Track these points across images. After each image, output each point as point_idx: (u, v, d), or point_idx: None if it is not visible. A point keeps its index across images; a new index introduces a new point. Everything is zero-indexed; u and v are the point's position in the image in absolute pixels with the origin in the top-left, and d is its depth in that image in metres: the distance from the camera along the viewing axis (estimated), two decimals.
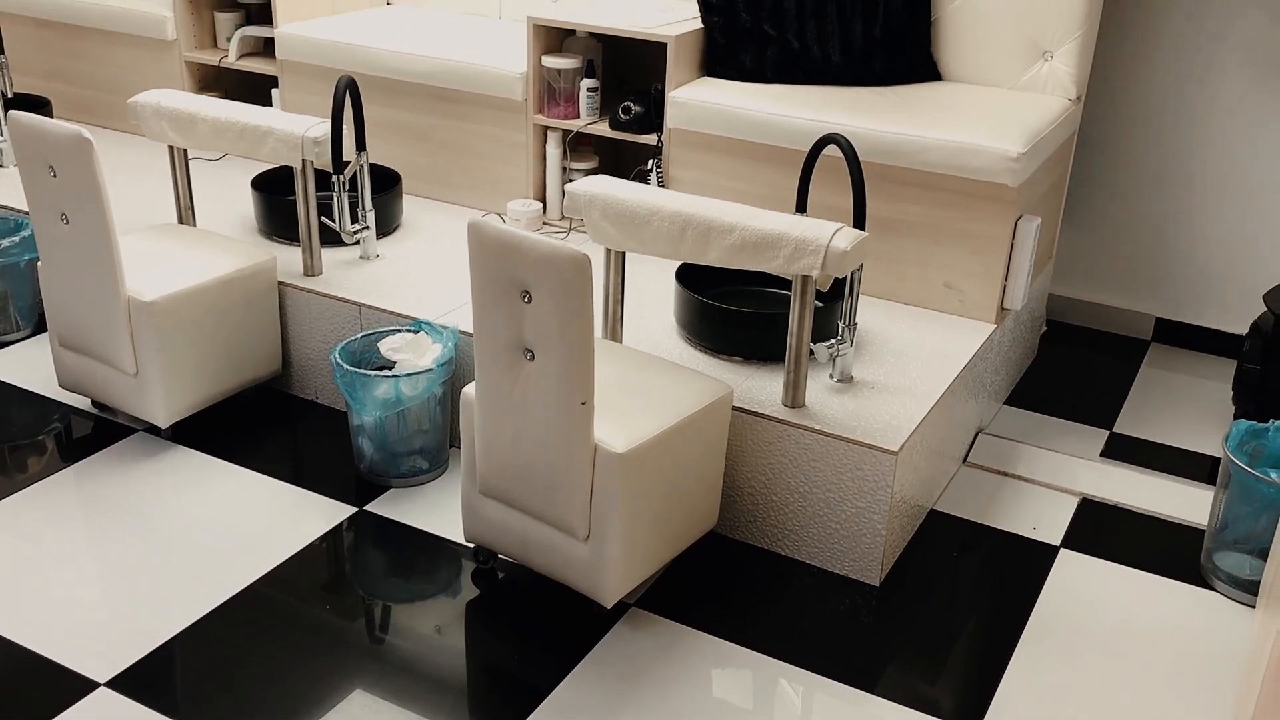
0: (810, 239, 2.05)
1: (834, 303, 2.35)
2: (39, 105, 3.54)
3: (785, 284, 2.58)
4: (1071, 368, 3.07)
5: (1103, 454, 2.65)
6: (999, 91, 2.84)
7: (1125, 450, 2.67)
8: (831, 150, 2.43)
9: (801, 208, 2.36)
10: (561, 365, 1.84)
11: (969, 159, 2.48)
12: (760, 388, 2.29)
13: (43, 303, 2.54)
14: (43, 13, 3.69)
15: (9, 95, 3.34)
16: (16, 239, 2.86)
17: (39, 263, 2.48)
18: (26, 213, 2.98)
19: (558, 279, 1.79)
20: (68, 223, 2.35)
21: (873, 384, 2.33)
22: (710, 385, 2.11)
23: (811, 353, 2.21)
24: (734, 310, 2.39)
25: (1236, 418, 2.66)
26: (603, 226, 2.26)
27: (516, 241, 1.83)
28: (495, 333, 1.92)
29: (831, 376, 2.33)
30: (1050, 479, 2.52)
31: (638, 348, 2.39)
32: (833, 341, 2.27)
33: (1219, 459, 2.24)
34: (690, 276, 2.52)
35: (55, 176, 2.31)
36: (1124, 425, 2.79)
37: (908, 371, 2.39)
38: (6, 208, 3.05)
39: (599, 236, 2.28)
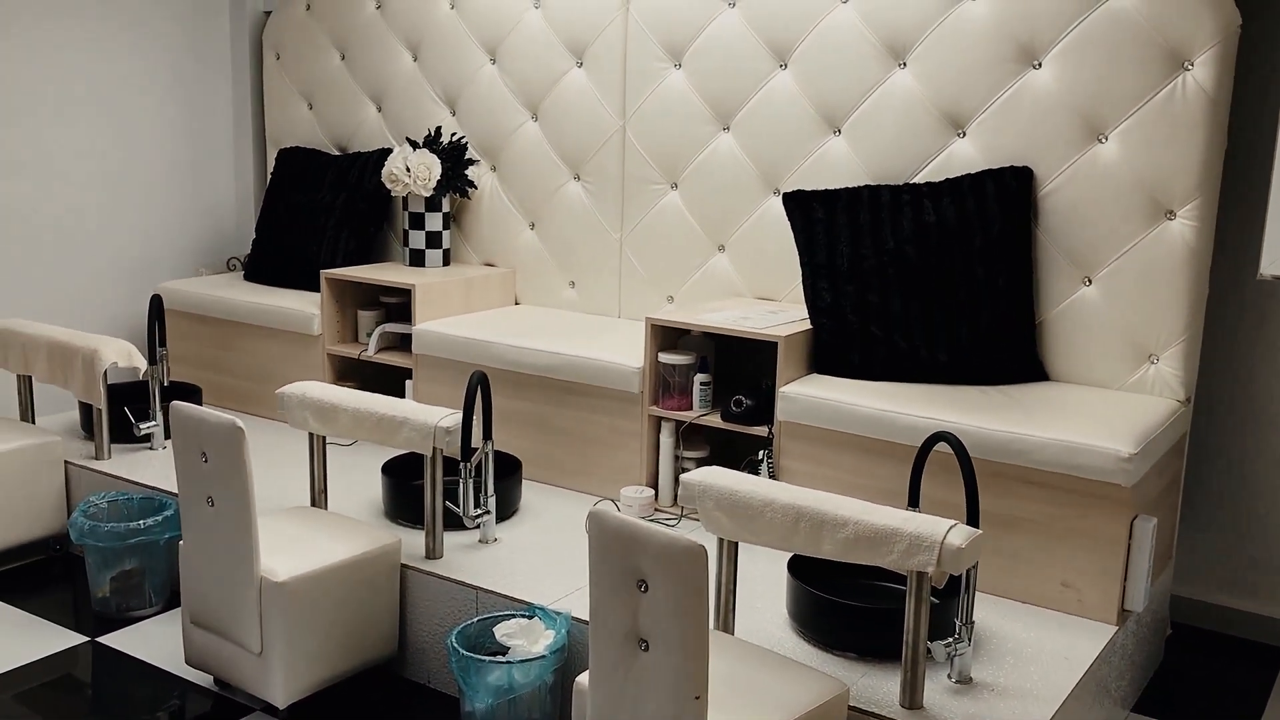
0: (925, 535, 2.07)
1: (949, 599, 2.34)
2: (191, 393, 3.82)
3: (900, 578, 2.57)
4: (1202, 674, 2.94)
5: None
6: (1107, 392, 2.89)
7: None
8: (942, 446, 2.49)
9: (914, 503, 2.40)
10: (676, 658, 1.86)
11: (1081, 458, 2.50)
12: (875, 686, 2.25)
13: (178, 580, 2.66)
14: (203, 309, 4.05)
15: (165, 384, 3.62)
16: (159, 518, 3.02)
17: (181, 542, 2.62)
18: (171, 493, 3.17)
19: (674, 569, 1.84)
20: (213, 505, 2.50)
21: (992, 686, 2.27)
22: (824, 683, 2.08)
23: (929, 651, 2.18)
24: (848, 605, 2.39)
25: None
26: (716, 516, 2.32)
27: (634, 531, 1.89)
28: (611, 622, 1.95)
29: (950, 677, 2.28)
30: None
31: (749, 640, 2.38)
32: (950, 640, 2.24)
33: None
34: (803, 568, 2.54)
35: (206, 462, 2.48)
36: None
37: (1028, 673, 2.33)
38: (153, 488, 3.25)
39: (712, 526, 2.33)
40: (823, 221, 3.07)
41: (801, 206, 3.11)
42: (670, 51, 3.50)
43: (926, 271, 2.95)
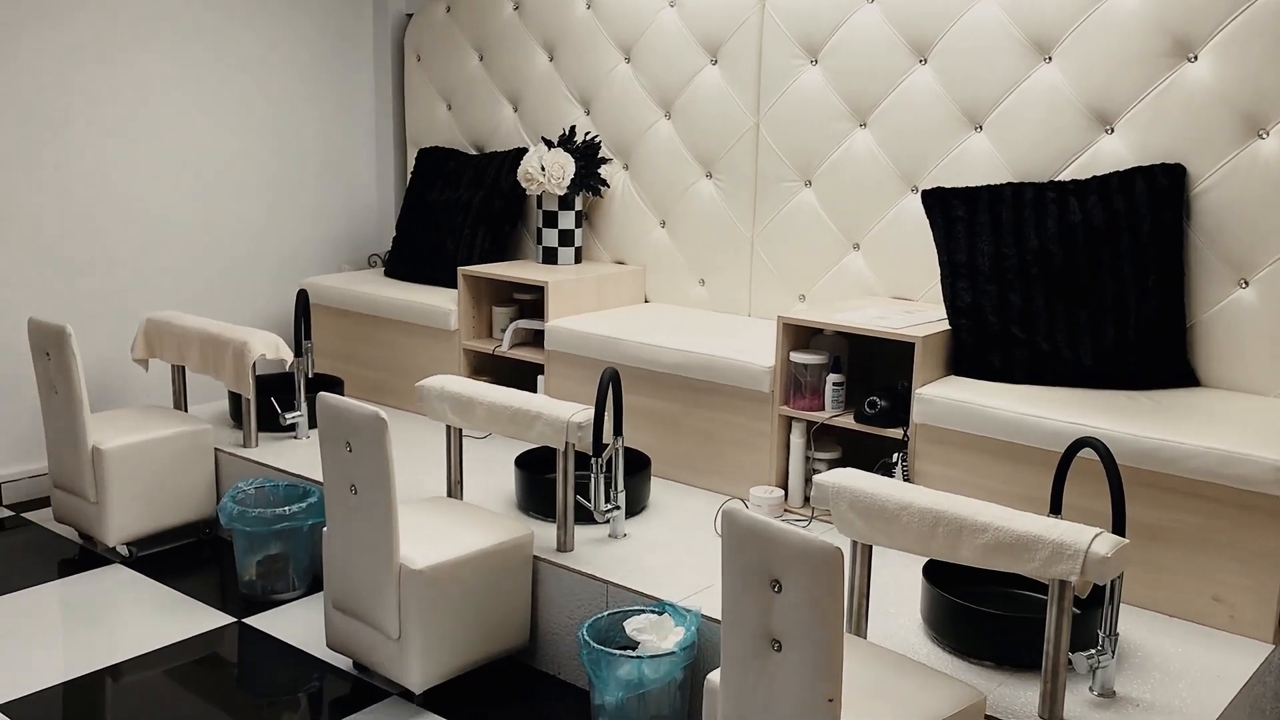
0: (1068, 543, 2.01)
1: (1092, 610, 2.26)
2: (333, 385, 3.95)
3: (1041, 586, 2.50)
4: None
5: None
6: (1262, 399, 2.76)
7: None
8: (1086, 453, 2.40)
9: (1056, 510, 2.33)
10: (809, 659, 1.84)
11: (1235, 468, 2.40)
12: (1013, 696, 2.19)
13: (319, 565, 2.75)
14: (345, 304, 4.18)
15: (309, 375, 3.75)
16: (303, 505, 3.13)
17: (325, 528, 2.71)
18: (314, 481, 3.28)
19: (809, 570, 1.82)
20: (356, 493, 2.58)
21: (1137, 701, 2.19)
22: (960, 691, 2.04)
23: (1070, 662, 2.11)
24: (986, 612, 2.33)
25: None
26: (850, 518, 2.29)
27: (769, 530, 1.88)
28: (743, 621, 1.94)
29: (1091, 689, 2.21)
30: None
31: (882, 645, 2.35)
32: (1092, 651, 2.17)
33: None
34: (939, 573, 2.49)
35: (351, 451, 2.56)
36: None
37: (1176, 690, 2.24)
38: (297, 476, 3.36)
39: (846, 528, 2.31)
40: (963, 220, 3.00)
41: (941, 204, 3.05)
42: (806, 48, 3.47)
43: (1071, 272, 2.86)
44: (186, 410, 3.80)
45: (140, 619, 3.04)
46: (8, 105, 3.67)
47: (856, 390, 3.14)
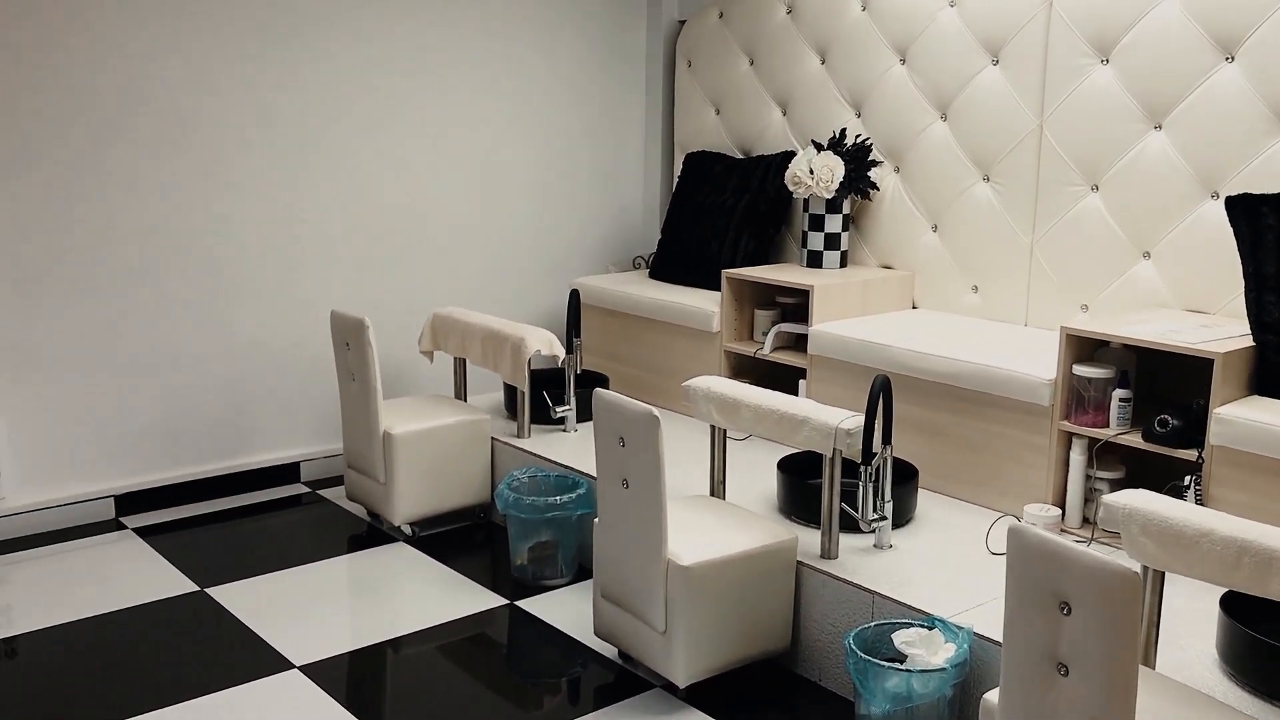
0: None
1: None
2: (599, 381, 4.07)
3: None
4: None
5: None
6: None
7: None
8: None
9: None
10: (1099, 686, 1.75)
11: None
12: None
13: (585, 554, 2.84)
14: (611, 304, 4.30)
15: (578, 371, 3.88)
16: (572, 495, 3.25)
17: (596, 520, 2.80)
18: (581, 472, 3.39)
19: (1103, 594, 1.73)
20: (627, 487, 2.65)
21: None
22: None
23: None
24: None
25: None
26: (1142, 543, 2.16)
27: (1059, 551, 1.81)
28: (1026, 642, 1.87)
29: None
30: None
31: (1173, 677, 2.20)
32: None
33: None
34: (1239, 606, 2.32)
35: (623, 446, 2.63)
36: None
37: None
38: (567, 467, 3.49)
39: (1137, 553, 2.18)
40: (1274, 229, 2.78)
41: (1248, 211, 2.83)
42: (1097, 46, 3.30)
43: None
44: (466, 400, 4.01)
45: (420, 596, 3.23)
46: (325, 116, 3.99)
47: (1144, 407, 2.96)
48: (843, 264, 3.96)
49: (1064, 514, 3.00)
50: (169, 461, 3.88)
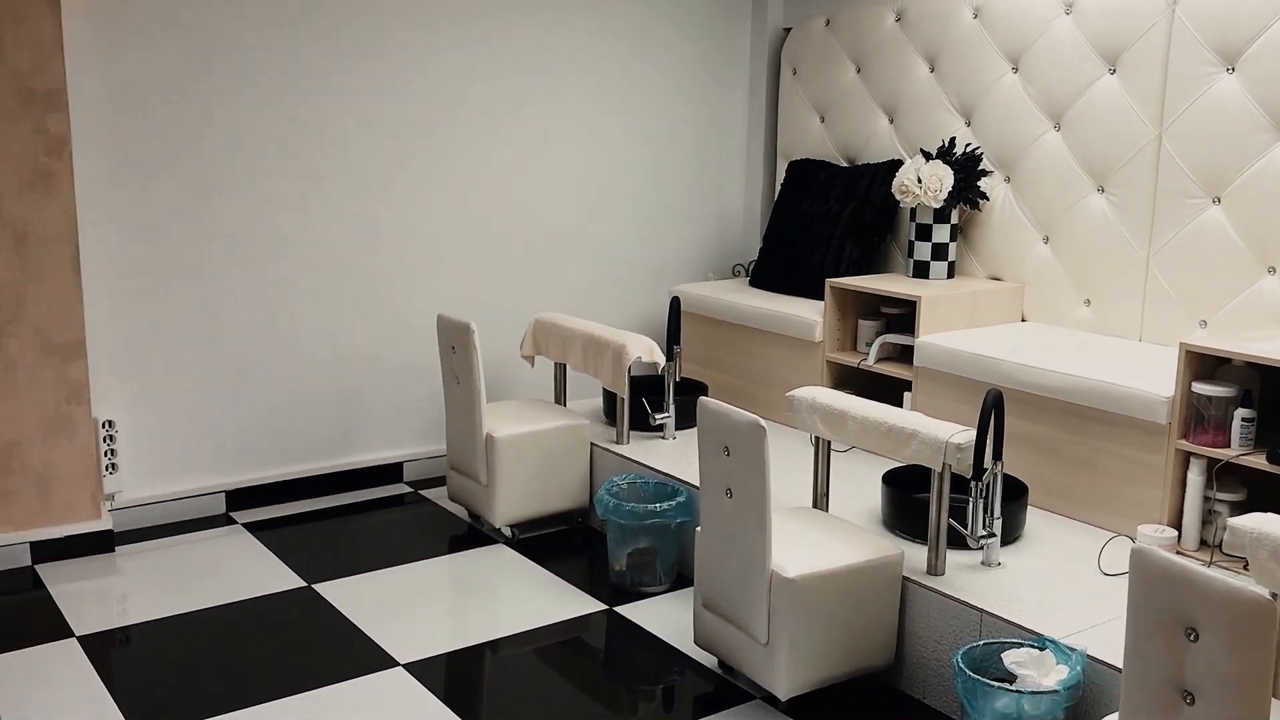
0: None
1: None
2: (699, 390, 4.06)
3: None
4: None
5: None
6: None
7: None
8: None
9: None
10: (1229, 718, 1.69)
11: None
12: None
13: (684, 562, 2.82)
14: (711, 311, 4.29)
15: (678, 380, 3.88)
16: (672, 503, 3.24)
17: (698, 528, 2.79)
18: (682, 480, 3.39)
19: (1234, 621, 1.67)
20: (731, 497, 2.63)
21: None
22: None
23: None
24: None
25: None
26: (1272, 569, 2.08)
27: (1188, 575, 1.75)
28: (1149, 667, 1.81)
29: None
30: None
31: None
32: None
33: None
34: None
35: (728, 456, 2.62)
36: None
37: None
38: (666, 474, 3.49)
39: (1266, 579, 2.10)
40: None
41: None
42: (1222, 54, 3.19)
43: None
44: (566, 405, 4.04)
45: (519, 598, 3.25)
46: (432, 122, 4.06)
47: (1269, 428, 2.85)
48: (950, 275, 3.89)
49: (1180, 536, 2.90)
50: (278, 459, 3.97)
